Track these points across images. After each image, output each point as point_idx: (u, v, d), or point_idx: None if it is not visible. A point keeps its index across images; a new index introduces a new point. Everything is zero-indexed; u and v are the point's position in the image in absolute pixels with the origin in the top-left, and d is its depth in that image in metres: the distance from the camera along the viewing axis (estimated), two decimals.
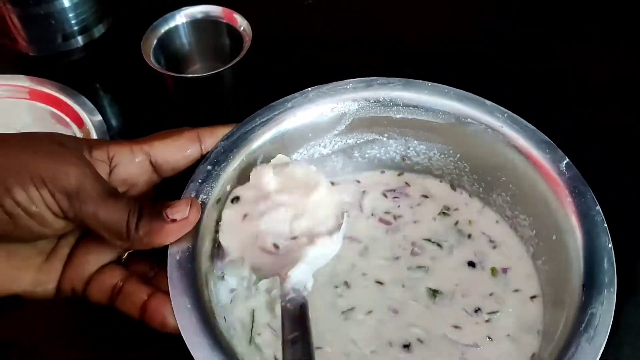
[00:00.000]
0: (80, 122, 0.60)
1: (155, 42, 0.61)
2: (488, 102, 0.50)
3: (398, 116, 0.51)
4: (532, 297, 0.48)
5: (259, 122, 0.50)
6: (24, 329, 0.51)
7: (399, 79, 0.51)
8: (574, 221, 0.44)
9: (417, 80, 0.51)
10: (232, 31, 0.62)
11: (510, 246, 0.51)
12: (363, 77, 0.52)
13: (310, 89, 0.51)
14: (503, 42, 0.67)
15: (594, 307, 0.40)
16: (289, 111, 0.50)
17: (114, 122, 0.63)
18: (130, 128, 0.63)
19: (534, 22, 0.69)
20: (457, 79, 0.51)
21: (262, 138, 0.49)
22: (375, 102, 0.51)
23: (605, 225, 0.43)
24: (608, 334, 0.39)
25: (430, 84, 0.51)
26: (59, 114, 0.62)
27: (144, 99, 0.65)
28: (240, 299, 0.48)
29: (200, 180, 0.46)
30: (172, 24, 0.62)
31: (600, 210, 0.44)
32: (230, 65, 0.58)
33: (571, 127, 0.55)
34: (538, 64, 0.65)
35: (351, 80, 0.51)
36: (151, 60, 0.59)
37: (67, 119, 0.61)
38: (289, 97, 0.51)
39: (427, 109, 0.50)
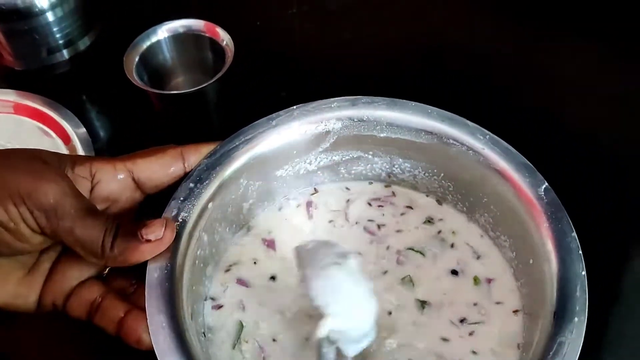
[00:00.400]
0: (65, 136, 0.61)
1: (137, 58, 0.61)
2: (470, 124, 0.50)
3: (382, 135, 0.52)
4: (515, 311, 0.48)
5: (242, 139, 0.50)
6: (14, 343, 0.52)
7: (383, 98, 0.52)
8: (549, 247, 0.44)
9: (401, 100, 0.51)
10: (215, 45, 0.63)
11: (493, 259, 0.51)
12: (353, 93, 0.52)
13: (295, 107, 0.52)
14: (491, 59, 0.66)
15: (563, 336, 0.40)
16: (272, 129, 0.51)
17: (99, 135, 0.63)
18: (116, 142, 0.64)
19: (523, 37, 0.68)
20: (447, 95, 0.52)
21: (246, 156, 0.50)
22: (359, 120, 0.51)
23: (580, 252, 0.43)
24: None
25: (414, 103, 0.51)
26: (44, 128, 0.62)
27: (129, 113, 0.65)
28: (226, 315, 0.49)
29: (182, 198, 0.47)
30: (154, 39, 0.63)
31: (575, 236, 0.44)
32: (212, 81, 0.58)
33: (554, 146, 0.54)
34: (527, 80, 0.65)
35: (336, 99, 0.52)
36: (134, 77, 0.60)
37: (52, 133, 0.62)
38: (273, 115, 0.51)
39: (410, 128, 0.51)
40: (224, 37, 0.62)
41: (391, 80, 0.52)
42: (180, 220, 0.46)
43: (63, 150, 0.61)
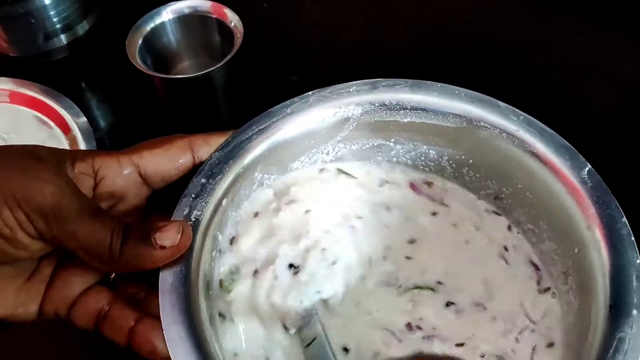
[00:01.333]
0: (65, 126, 0.57)
1: (140, 41, 0.57)
2: (502, 104, 0.46)
3: (405, 120, 0.48)
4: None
5: (256, 129, 0.46)
6: (15, 347, 0.49)
7: (405, 80, 0.48)
8: (598, 234, 0.41)
9: (426, 81, 0.48)
10: (223, 27, 0.59)
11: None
12: (367, 78, 0.48)
13: (310, 92, 0.48)
14: (512, 40, 0.62)
15: (623, 331, 0.36)
16: (288, 117, 0.47)
17: (101, 124, 0.59)
18: (119, 131, 0.60)
19: (544, 18, 0.65)
20: (466, 79, 0.48)
21: (260, 147, 0.46)
22: (380, 105, 0.47)
23: (633, 239, 0.40)
24: None
25: (439, 84, 0.47)
26: (42, 118, 0.59)
27: (132, 100, 0.61)
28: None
29: (193, 195, 0.43)
30: (157, 21, 0.59)
31: (626, 222, 0.40)
32: (220, 65, 0.54)
33: (593, 131, 0.51)
34: (551, 62, 0.61)
35: (354, 82, 0.48)
36: (137, 61, 0.56)
37: (51, 123, 0.58)
38: (287, 102, 0.47)
39: (437, 111, 0.47)
40: (232, 19, 0.58)
41: (408, 64, 0.48)
42: (194, 219, 0.42)
43: (63, 140, 0.57)
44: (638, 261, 0.39)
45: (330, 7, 0.64)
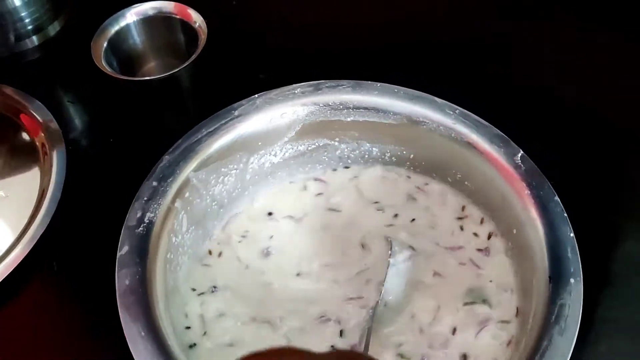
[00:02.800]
0: (34, 129, 0.56)
1: (105, 44, 0.56)
2: (439, 100, 0.49)
3: (349, 119, 0.50)
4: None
5: (205, 132, 0.47)
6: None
7: (347, 81, 0.50)
8: (533, 213, 0.43)
9: (366, 82, 0.50)
10: (187, 27, 0.59)
11: None
12: (331, 73, 0.50)
13: (257, 95, 0.49)
14: (446, 37, 0.65)
15: (563, 298, 0.39)
16: (235, 120, 0.48)
17: (71, 127, 0.57)
18: (89, 134, 0.58)
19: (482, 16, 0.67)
20: (412, 77, 0.50)
21: (209, 150, 0.47)
22: (324, 105, 0.49)
23: (565, 215, 0.43)
24: (579, 325, 0.38)
25: (379, 84, 0.50)
26: (12, 119, 0.57)
27: (102, 102, 0.59)
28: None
29: (146, 198, 0.44)
30: (122, 23, 0.58)
31: (559, 200, 0.44)
32: (184, 65, 0.55)
33: (524, 119, 0.54)
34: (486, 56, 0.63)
35: (299, 84, 0.50)
36: (102, 64, 0.55)
37: (21, 125, 0.57)
38: (235, 104, 0.49)
39: (378, 110, 0.49)
40: (196, 19, 0.58)
41: (375, 59, 0.49)
42: (147, 221, 0.42)
43: (31, 143, 0.55)
44: (571, 234, 0.42)
45: (297, 6, 0.65)
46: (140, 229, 0.42)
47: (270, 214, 0.51)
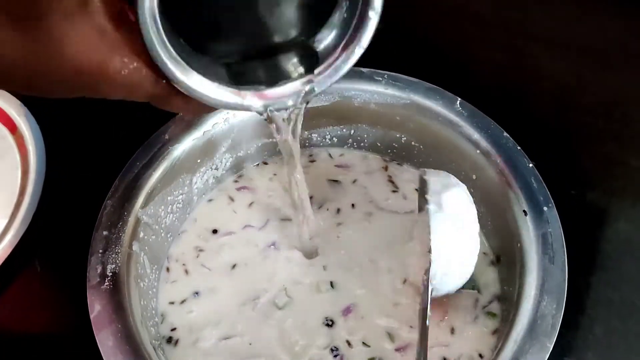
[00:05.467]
0: (11, 125, 0.53)
1: None
2: (365, 70, 0.48)
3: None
4: None
5: (140, 165, 0.44)
6: None
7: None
8: (488, 153, 0.44)
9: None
10: None
11: None
12: None
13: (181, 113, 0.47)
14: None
15: (543, 228, 0.40)
16: (167, 144, 0.45)
17: (51, 125, 0.53)
18: (69, 132, 0.55)
19: None
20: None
21: (150, 182, 0.44)
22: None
23: (519, 148, 0.44)
24: (566, 252, 0.39)
25: None
26: None
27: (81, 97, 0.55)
28: None
29: (101, 250, 0.40)
30: None
31: (508, 135, 0.44)
32: None
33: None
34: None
35: None
36: None
37: None
38: (163, 128, 0.46)
39: None
40: None
41: None
42: (110, 274, 0.39)
43: (9, 140, 0.53)
44: (530, 165, 0.43)
45: None
46: (105, 284, 0.39)
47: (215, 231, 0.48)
